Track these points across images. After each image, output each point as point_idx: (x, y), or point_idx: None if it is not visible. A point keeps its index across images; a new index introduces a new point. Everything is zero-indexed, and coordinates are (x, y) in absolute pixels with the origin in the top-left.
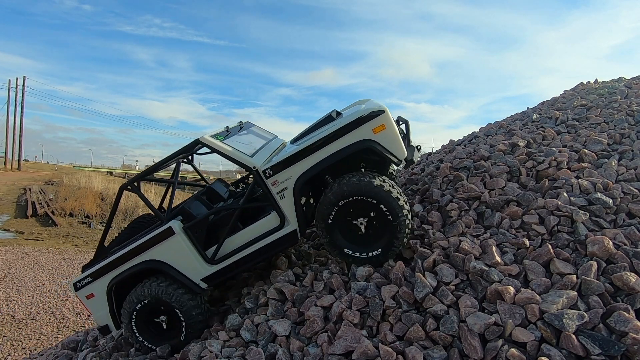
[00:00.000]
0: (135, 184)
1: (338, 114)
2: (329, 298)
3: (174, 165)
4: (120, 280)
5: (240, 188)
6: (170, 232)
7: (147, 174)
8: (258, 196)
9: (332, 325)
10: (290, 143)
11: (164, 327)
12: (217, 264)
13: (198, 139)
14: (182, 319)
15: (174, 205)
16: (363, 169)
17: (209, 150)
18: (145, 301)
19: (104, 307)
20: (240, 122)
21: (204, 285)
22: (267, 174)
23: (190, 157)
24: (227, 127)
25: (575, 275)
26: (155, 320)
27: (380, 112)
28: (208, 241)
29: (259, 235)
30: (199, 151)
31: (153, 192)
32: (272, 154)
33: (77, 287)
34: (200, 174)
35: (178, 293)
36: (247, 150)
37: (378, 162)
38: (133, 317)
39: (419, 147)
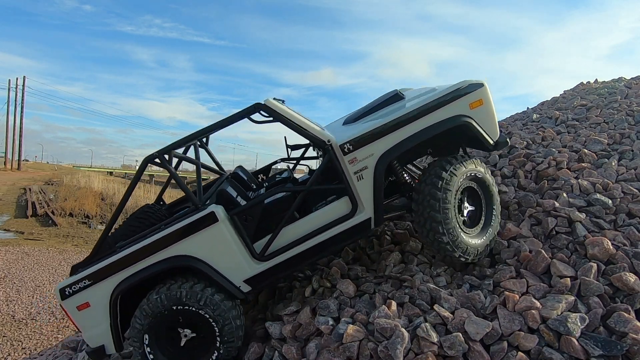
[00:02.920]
0: (166, 156)
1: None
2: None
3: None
4: (133, 284)
5: (260, 179)
6: (211, 219)
7: (184, 143)
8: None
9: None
10: (344, 124)
11: (185, 343)
12: (267, 260)
13: (260, 103)
14: (217, 333)
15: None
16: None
17: (269, 118)
18: (166, 311)
19: (101, 322)
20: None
21: (246, 288)
22: (346, 150)
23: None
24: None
25: (569, 279)
26: (177, 334)
27: (479, 85)
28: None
29: (324, 225)
30: (256, 119)
31: (144, 191)
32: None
33: (65, 293)
34: (216, 162)
35: (215, 299)
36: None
37: (446, 146)
38: (146, 334)
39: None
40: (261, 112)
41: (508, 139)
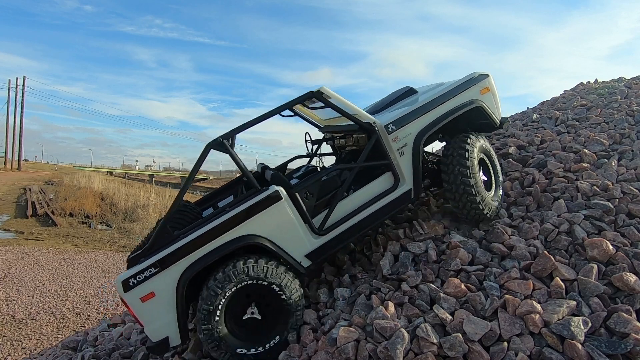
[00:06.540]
0: (228, 140)
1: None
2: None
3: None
4: (198, 269)
5: None
6: (275, 198)
7: (245, 128)
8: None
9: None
10: None
11: (263, 316)
12: (325, 234)
13: (314, 90)
14: (276, 289)
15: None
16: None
17: (321, 105)
18: (237, 287)
19: (166, 313)
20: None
21: (306, 263)
22: (390, 130)
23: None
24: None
25: (569, 282)
26: (244, 313)
27: (486, 76)
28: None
29: (371, 198)
30: (310, 105)
31: (144, 191)
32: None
33: (129, 284)
34: (238, 161)
35: (281, 271)
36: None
37: (453, 131)
38: (217, 315)
39: None
40: (315, 99)
41: (508, 119)
